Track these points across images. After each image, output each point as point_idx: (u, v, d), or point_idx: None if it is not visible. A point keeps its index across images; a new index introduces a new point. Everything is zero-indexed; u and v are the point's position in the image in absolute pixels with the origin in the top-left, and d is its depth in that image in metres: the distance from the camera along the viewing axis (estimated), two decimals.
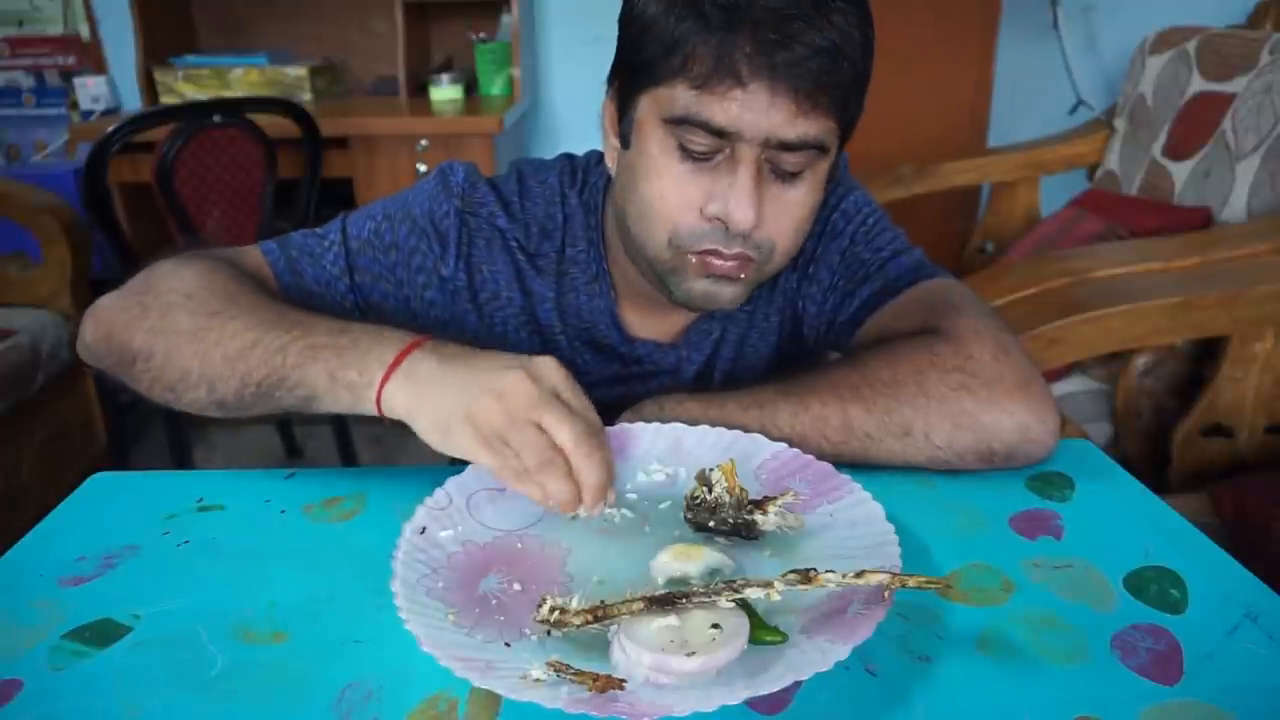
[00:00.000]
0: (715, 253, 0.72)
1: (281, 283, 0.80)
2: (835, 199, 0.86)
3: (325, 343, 0.66)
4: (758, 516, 0.61)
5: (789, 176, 0.70)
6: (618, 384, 0.87)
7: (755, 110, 0.66)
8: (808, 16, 0.64)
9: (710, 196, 0.70)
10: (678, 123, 0.68)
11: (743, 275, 0.73)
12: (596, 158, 0.87)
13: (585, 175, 0.86)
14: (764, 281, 0.78)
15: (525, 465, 0.58)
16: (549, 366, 0.61)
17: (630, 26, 0.71)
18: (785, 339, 0.90)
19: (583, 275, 0.85)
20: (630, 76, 0.72)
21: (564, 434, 0.58)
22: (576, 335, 0.87)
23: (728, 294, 0.75)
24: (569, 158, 0.89)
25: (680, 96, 0.67)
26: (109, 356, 0.73)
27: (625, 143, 0.75)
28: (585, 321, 0.86)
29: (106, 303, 0.74)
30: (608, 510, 0.64)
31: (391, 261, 0.82)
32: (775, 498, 0.62)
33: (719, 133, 0.67)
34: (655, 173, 0.71)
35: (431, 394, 0.61)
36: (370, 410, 0.63)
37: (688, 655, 0.48)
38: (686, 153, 0.69)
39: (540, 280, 0.85)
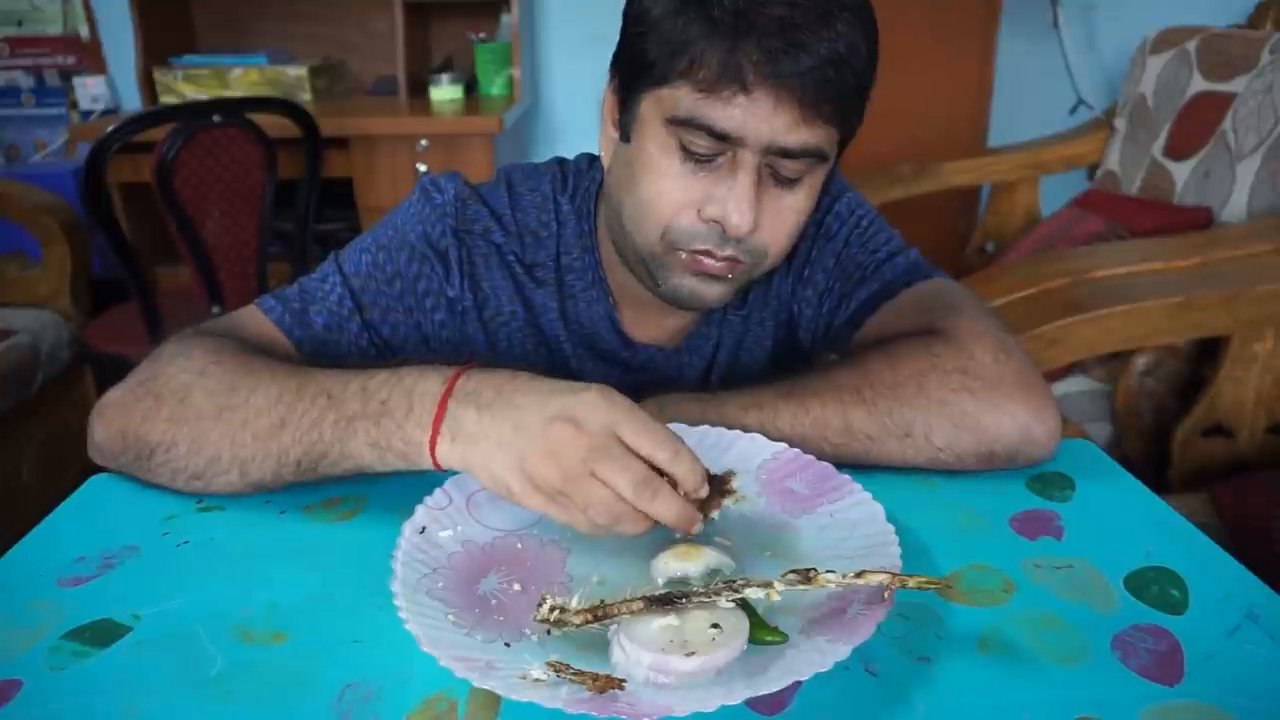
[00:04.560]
0: (707, 253, 0.72)
1: (293, 338, 0.78)
2: (828, 201, 0.86)
3: (357, 411, 0.63)
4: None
5: (787, 183, 0.71)
6: (622, 390, 0.86)
7: (759, 117, 0.66)
8: (814, 26, 0.64)
9: (709, 198, 0.70)
10: (681, 124, 0.68)
11: (730, 275, 0.74)
12: (587, 161, 0.87)
13: (576, 180, 0.86)
14: (751, 282, 0.79)
15: (596, 521, 0.56)
16: (598, 407, 0.55)
17: (635, 25, 0.70)
18: (780, 343, 0.90)
19: (580, 282, 0.85)
20: (633, 74, 0.72)
21: (622, 485, 0.54)
22: (580, 343, 0.86)
23: (715, 292, 0.75)
24: (560, 162, 0.88)
25: (684, 99, 0.68)
26: (126, 454, 0.70)
27: (625, 137, 0.75)
28: (586, 329, 0.86)
29: (114, 398, 0.70)
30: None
31: (398, 291, 0.81)
32: (727, 483, 0.59)
33: (722, 136, 0.67)
34: (655, 171, 0.71)
35: (482, 452, 0.57)
36: (430, 468, 0.61)
37: (687, 655, 0.48)
38: (688, 154, 0.69)
39: (542, 291, 0.85)
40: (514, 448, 0.56)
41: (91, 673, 0.53)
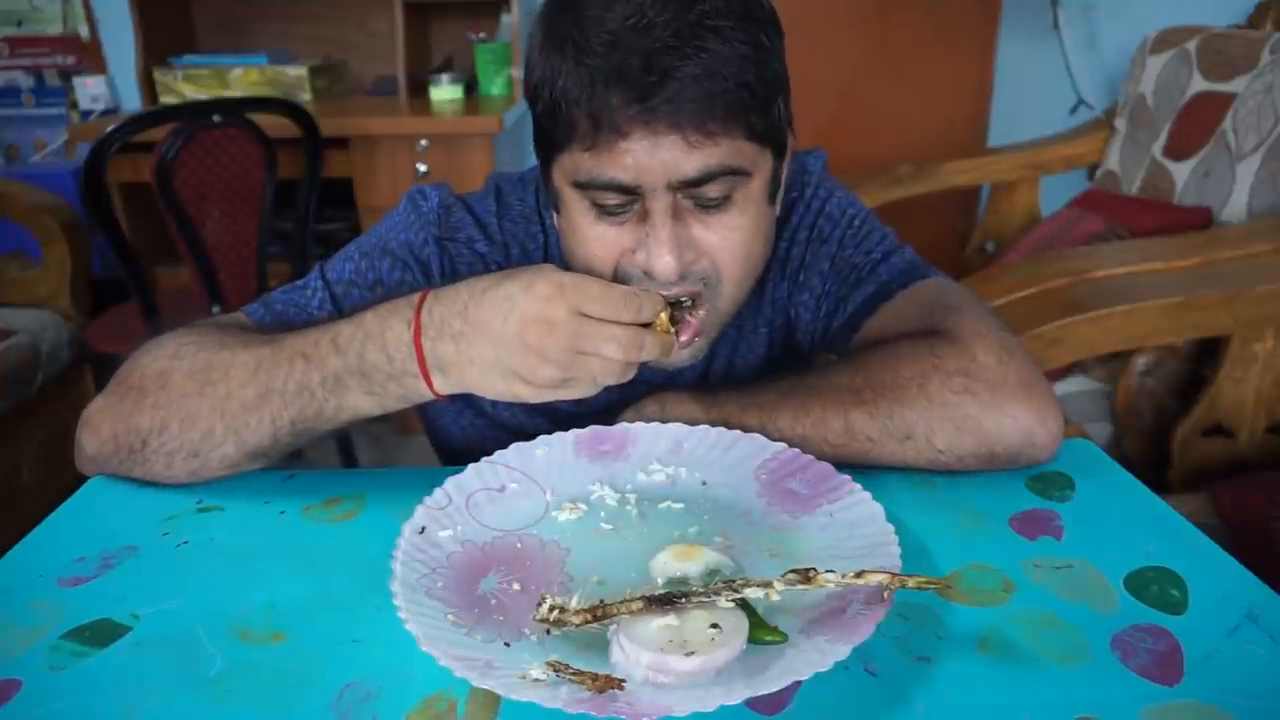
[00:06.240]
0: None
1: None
2: (818, 203, 0.85)
3: (339, 368, 0.66)
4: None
5: (714, 207, 0.69)
6: (618, 399, 0.84)
7: (646, 158, 0.64)
8: (674, 48, 0.62)
9: (636, 245, 0.69)
10: (583, 187, 0.68)
11: (696, 336, 0.72)
12: None
13: None
14: (721, 326, 0.76)
15: (606, 382, 0.63)
16: (555, 298, 0.60)
17: (528, 94, 0.70)
18: (777, 347, 0.89)
19: None
20: (541, 145, 0.72)
21: (613, 352, 0.61)
22: None
23: (684, 352, 0.73)
24: None
25: (578, 161, 0.67)
26: (118, 453, 0.70)
27: (556, 208, 0.75)
28: None
29: (96, 407, 0.71)
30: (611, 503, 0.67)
31: (379, 298, 0.79)
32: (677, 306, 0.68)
33: (621, 188, 0.66)
34: (580, 235, 0.71)
35: (477, 376, 0.63)
36: (432, 397, 0.66)
37: (687, 655, 0.48)
38: (602, 210, 0.69)
39: None
40: (503, 364, 0.62)
41: (91, 673, 0.53)
